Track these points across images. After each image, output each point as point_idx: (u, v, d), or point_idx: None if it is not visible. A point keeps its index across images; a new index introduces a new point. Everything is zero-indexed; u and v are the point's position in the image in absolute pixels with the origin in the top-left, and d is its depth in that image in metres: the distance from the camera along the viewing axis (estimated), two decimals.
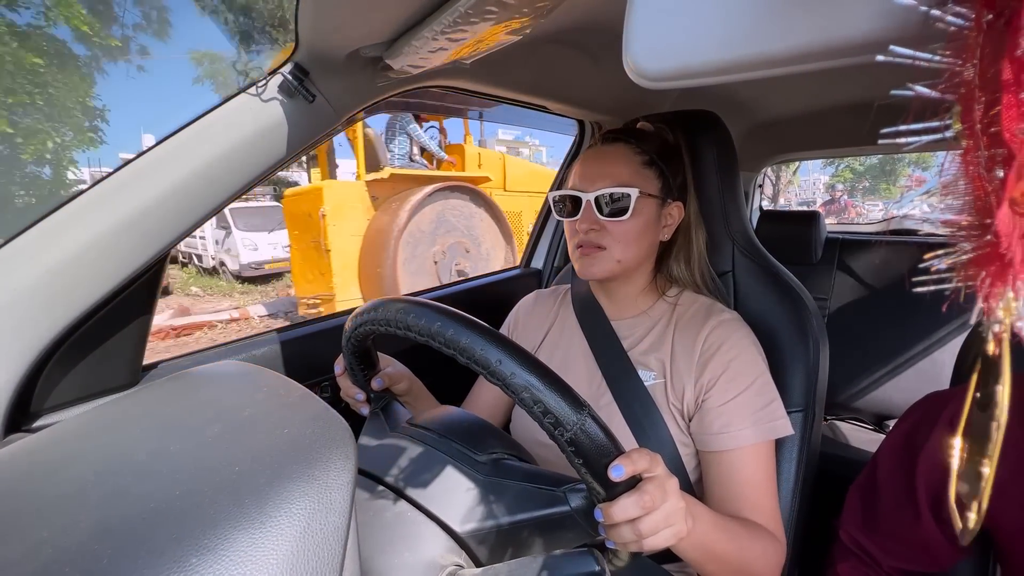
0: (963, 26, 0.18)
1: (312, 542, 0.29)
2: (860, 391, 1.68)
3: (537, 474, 0.52)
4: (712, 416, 0.70)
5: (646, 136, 0.82)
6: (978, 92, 0.18)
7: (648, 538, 0.45)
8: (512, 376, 0.42)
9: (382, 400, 0.69)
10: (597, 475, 0.43)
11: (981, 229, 0.19)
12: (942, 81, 0.19)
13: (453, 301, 0.89)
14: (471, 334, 0.45)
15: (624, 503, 0.44)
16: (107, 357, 0.69)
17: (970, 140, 0.19)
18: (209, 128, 0.69)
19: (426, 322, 0.47)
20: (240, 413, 0.39)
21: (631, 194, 0.73)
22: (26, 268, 0.60)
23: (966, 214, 0.19)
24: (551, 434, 0.43)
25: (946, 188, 0.20)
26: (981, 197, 0.19)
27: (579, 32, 0.93)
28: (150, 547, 0.27)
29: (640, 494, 0.44)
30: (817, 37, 0.23)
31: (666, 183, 0.79)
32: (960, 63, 0.18)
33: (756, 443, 0.67)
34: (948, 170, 0.20)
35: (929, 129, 0.19)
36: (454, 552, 0.48)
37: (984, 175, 0.18)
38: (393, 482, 0.53)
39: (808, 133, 1.81)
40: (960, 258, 0.20)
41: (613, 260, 0.76)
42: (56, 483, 0.34)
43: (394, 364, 0.75)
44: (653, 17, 0.28)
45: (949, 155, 0.20)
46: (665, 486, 0.46)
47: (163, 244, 0.67)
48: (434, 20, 0.63)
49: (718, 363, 0.71)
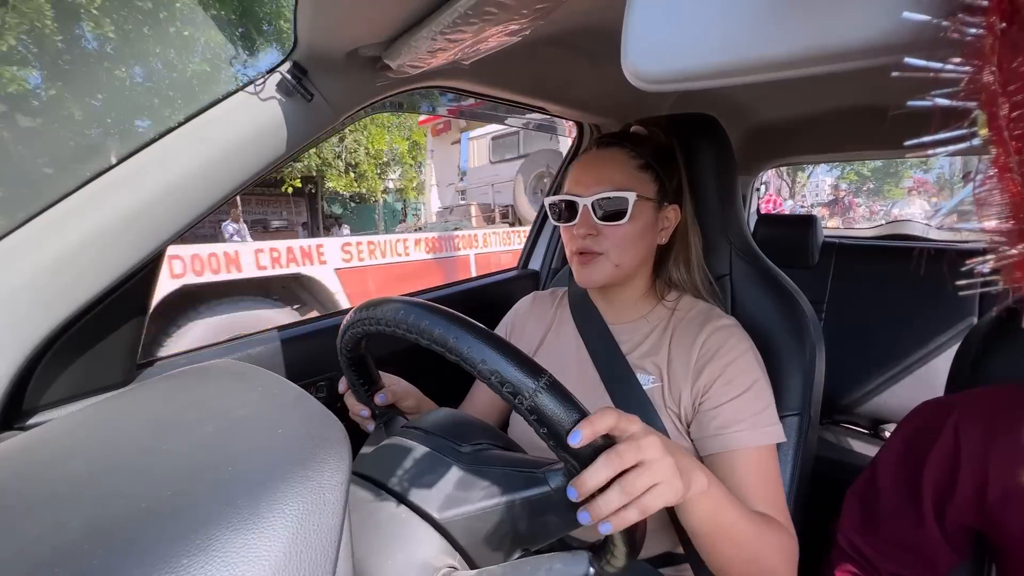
0: (977, 34, 0.18)
1: (305, 543, 0.29)
2: (856, 395, 1.69)
3: (518, 460, 0.52)
4: (708, 419, 0.70)
5: (641, 140, 0.81)
6: (1000, 97, 0.18)
7: (638, 499, 0.43)
8: (469, 350, 0.43)
9: (386, 416, 0.69)
10: (563, 444, 0.42)
11: (1021, 234, 0.19)
12: (961, 89, 0.19)
13: (450, 302, 0.89)
14: (431, 316, 0.46)
15: (593, 468, 0.42)
16: (101, 355, 0.68)
17: (999, 147, 0.19)
18: (206, 126, 0.69)
19: (391, 313, 0.49)
20: (234, 412, 0.39)
21: (628, 197, 0.73)
22: (21, 264, 0.59)
23: (1005, 220, 0.19)
24: (512, 405, 0.42)
25: (979, 193, 0.20)
26: (1018, 201, 0.19)
27: (578, 34, 0.93)
28: (142, 547, 0.27)
29: (608, 454, 0.42)
30: (815, 41, 0.23)
31: (662, 186, 0.79)
32: (977, 70, 0.18)
33: (756, 446, 0.67)
34: (981, 178, 0.20)
35: (955, 138, 0.19)
36: (447, 553, 0.48)
37: (1018, 179, 0.18)
38: (383, 481, 0.53)
39: (806, 137, 1.82)
40: (1003, 262, 0.20)
41: (611, 265, 0.76)
42: (48, 481, 0.33)
43: (400, 382, 0.75)
44: (652, 20, 0.28)
45: (982, 163, 0.20)
46: (641, 443, 0.44)
47: (159, 242, 0.67)
48: (433, 20, 0.63)
49: (714, 367, 0.71)
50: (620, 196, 0.73)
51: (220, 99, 0.70)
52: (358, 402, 0.69)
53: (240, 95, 0.71)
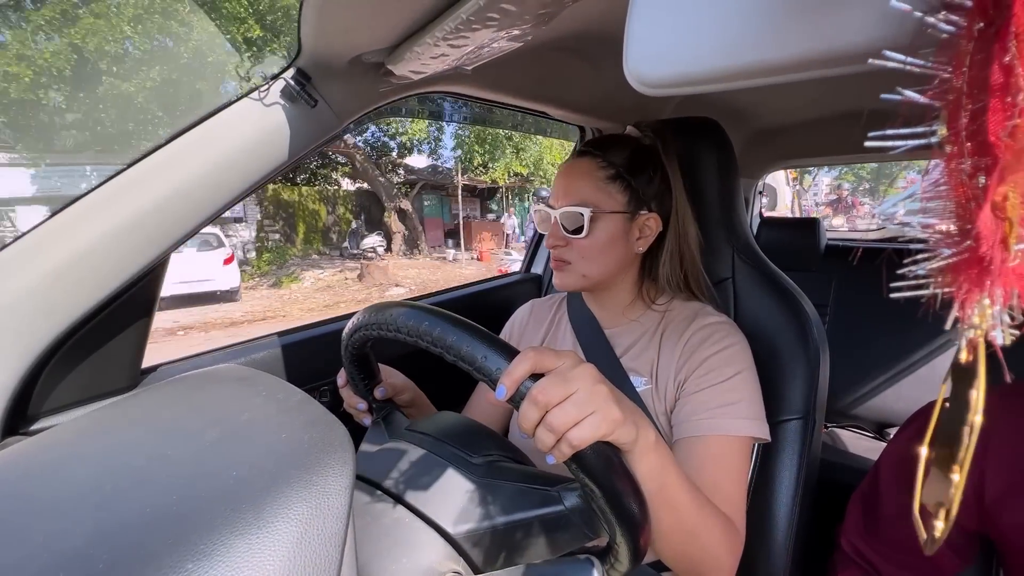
0: (955, 34, 0.18)
1: (309, 548, 0.29)
2: (860, 398, 1.68)
3: (532, 475, 0.52)
4: (680, 406, 0.70)
5: (614, 147, 0.79)
6: (965, 99, 0.18)
7: (569, 433, 0.41)
8: (432, 329, 0.45)
9: (384, 410, 0.69)
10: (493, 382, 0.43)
11: (961, 235, 0.19)
12: (931, 87, 0.19)
13: (453, 306, 0.89)
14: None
15: (522, 408, 0.42)
16: (106, 360, 0.69)
17: (955, 146, 0.19)
18: (211, 132, 0.69)
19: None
20: (238, 417, 0.39)
21: (584, 213, 0.74)
22: (27, 270, 0.60)
23: (947, 219, 0.20)
24: (448, 359, 0.44)
25: (928, 193, 0.20)
26: (962, 203, 0.19)
27: (580, 39, 0.93)
28: (147, 552, 0.27)
29: (529, 394, 0.41)
30: (815, 45, 0.24)
31: (634, 196, 0.77)
32: (950, 70, 0.19)
33: (719, 435, 0.66)
34: (931, 176, 0.20)
35: (915, 135, 0.19)
36: (452, 559, 0.47)
37: (967, 181, 0.19)
38: (389, 487, 0.52)
39: (808, 140, 1.82)
40: (938, 264, 0.20)
41: (579, 274, 0.78)
42: (53, 487, 0.34)
43: (397, 375, 0.75)
44: (653, 24, 0.29)
45: (933, 161, 0.20)
46: (568, 375, 0.42)
47: (164, 248, 0.67)
48: (436, 26, 0.64)
49: (696, 358, 0.72)
50: (576, 212, 0.75)
51: (224, 105, 0.71)
52: (356, 395, 0.69)
53: (244, 101, 0.71)
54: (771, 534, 0.76)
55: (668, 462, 0.50)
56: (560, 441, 0.42)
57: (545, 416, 0.42)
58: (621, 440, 0.44)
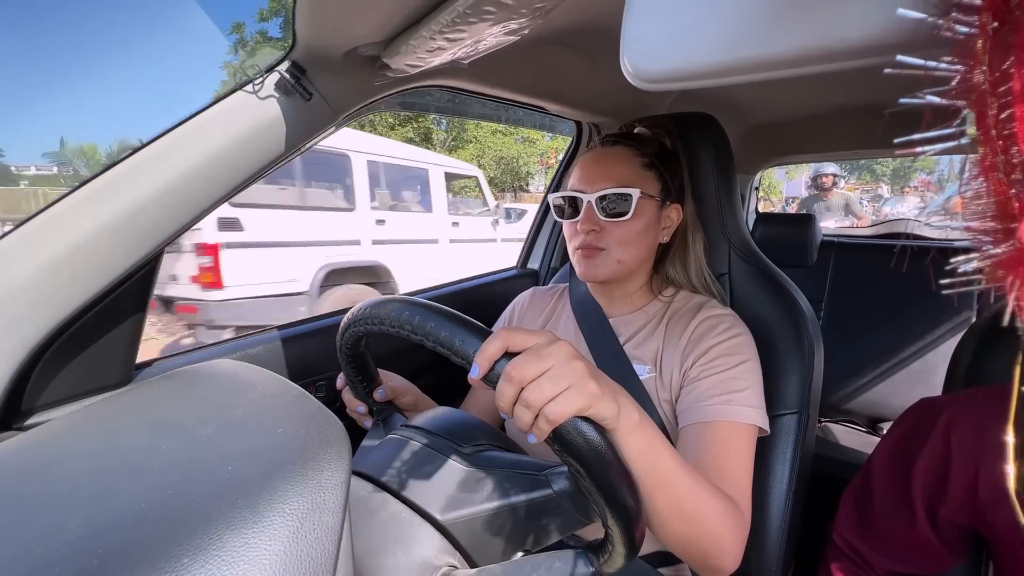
0: (968, 33, 0.18)
1: (305, 542, 0.29)
2: (854, 393, 1.69)
3: (521, 462, 0.52)
4: (684, 393, 0.71)
5: (645, 140, 0.83)
6: (990, 97, 0.18)
7: (546, 408, 0.41)
8: (412, 317, 0.47)
9: (384, 412, 0.69)
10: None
11: (1005, 233, 0.19)
12: (952, 88, 0.19)
13: (449, 300, 0.89)
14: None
15: (498, 386, 0.42)
16: (100, 355, 0.68)
17: (986, 146, 0.19)
18: (205, 125, 0.68)
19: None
20: (233, 412, 0.39)
21: (633, 194, 0.74)
22: (19, 264, 0.59)
23: (990, 219, 0.20)
24: (428, 346, 0.45)
25: (966, 196, 0.20)
26: (1003, 201, 0.19)
27: (577, 33, 0.93)
28: (141, 546, 0.27)
29: (504, 373, 0.41)
30: (814, 40, 0.23)
31: (665, 185, 0.79)
32: (968, 69, 0.18)
33: (724, 421, 0.66)
34: (968, 176, 0.20)
35: (944, 136, 0.19)
36: (448, 552, 0.48)
37: (1004, 179, 0.18)
38: (380, 480, 0.53)
39: (805, 136, 1.82)
40: (986, 262, 0.20)
41: (614, 261, 0.77)
42: (47, 482, 0.33)
43: (397, 378, 0.75)
44: (650, 19, 0.28)
45: (969, 162, 0.20)
46: (543, 352, 0.42)
47: (157, 242, 0.66)
48: (432, 20, 0.63)
49: (701, 347, 0.72)
50: (624, 192, 0.74)
51: (218, 98, 0.70)
52: (355, 398, 0.69)
53: (239, 94, 0.70)
54: (765, 528, 0.77)
55: (657, 443, 0.49)
56: (538, 417, 0.41)
57: (521, 392, 0.41)
58: (601, 415, 0.43)
